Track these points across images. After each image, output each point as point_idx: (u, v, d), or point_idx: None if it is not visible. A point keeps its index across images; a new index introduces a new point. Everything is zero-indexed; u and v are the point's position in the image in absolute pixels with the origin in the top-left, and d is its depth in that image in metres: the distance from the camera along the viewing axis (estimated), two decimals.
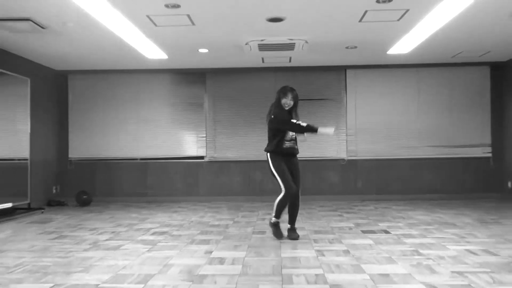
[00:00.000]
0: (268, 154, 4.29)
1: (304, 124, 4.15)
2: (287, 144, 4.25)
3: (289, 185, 4.16)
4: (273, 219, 4.30)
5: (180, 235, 4.57)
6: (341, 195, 7.77)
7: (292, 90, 4.27)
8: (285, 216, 4.33)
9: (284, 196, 4.18)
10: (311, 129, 4.13)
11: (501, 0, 4.60)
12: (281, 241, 4.19)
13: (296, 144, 4.36)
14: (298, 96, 4.32)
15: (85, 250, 3.89)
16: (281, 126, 4.25)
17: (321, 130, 4.14)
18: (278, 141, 4.23)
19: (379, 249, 3.80)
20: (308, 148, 7.67)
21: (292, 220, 4.35)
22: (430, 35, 5.83)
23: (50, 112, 7.76)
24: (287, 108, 4.26)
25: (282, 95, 4.26)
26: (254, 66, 7.75)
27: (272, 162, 4.25)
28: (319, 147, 7.74)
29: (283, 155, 4.26)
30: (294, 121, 4.21)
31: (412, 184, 7.76)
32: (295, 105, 4.30)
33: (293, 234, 4.29)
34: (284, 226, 4.36)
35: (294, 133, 4.29)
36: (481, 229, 4.70)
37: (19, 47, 6.30)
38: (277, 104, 4.28)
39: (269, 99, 7.48)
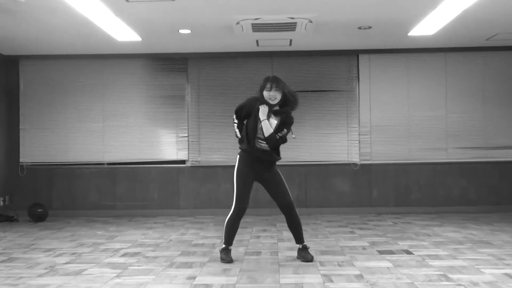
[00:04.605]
0: (238, 155, 4.35)
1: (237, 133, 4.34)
2: (263, 145, 4.21)
3: (241, 200, 4.22)
4: (223, 246, 4.32)
5: (156, 257, 4.55)
6: (353, 207, 7.77)
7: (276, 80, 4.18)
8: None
9: (231, 212, 4.24)
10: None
11: None
12: (280, 264, 4.17)
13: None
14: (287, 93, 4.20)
15: (40, 276, 3.85)
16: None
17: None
18: (250, 139, 4.22)
19: (399, 273, 3.80)
20: (312, 150, 7.70)
21: (298, 238, 4.33)
22: (461, 13, 5.83)
23: None
24: (272, 103, 4.16)
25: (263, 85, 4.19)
26: (247, 51, 7.75)
27: (237, 166, 4.32)
28: (326, 149, 7.75)
29: (255, 160, 4.23)
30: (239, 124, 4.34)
31: (438, 194, 7.77)
32: (285, 104, 4.20)
33: (306, 255, 4.25)
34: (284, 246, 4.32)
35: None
36: None
37: None
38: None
39: None
